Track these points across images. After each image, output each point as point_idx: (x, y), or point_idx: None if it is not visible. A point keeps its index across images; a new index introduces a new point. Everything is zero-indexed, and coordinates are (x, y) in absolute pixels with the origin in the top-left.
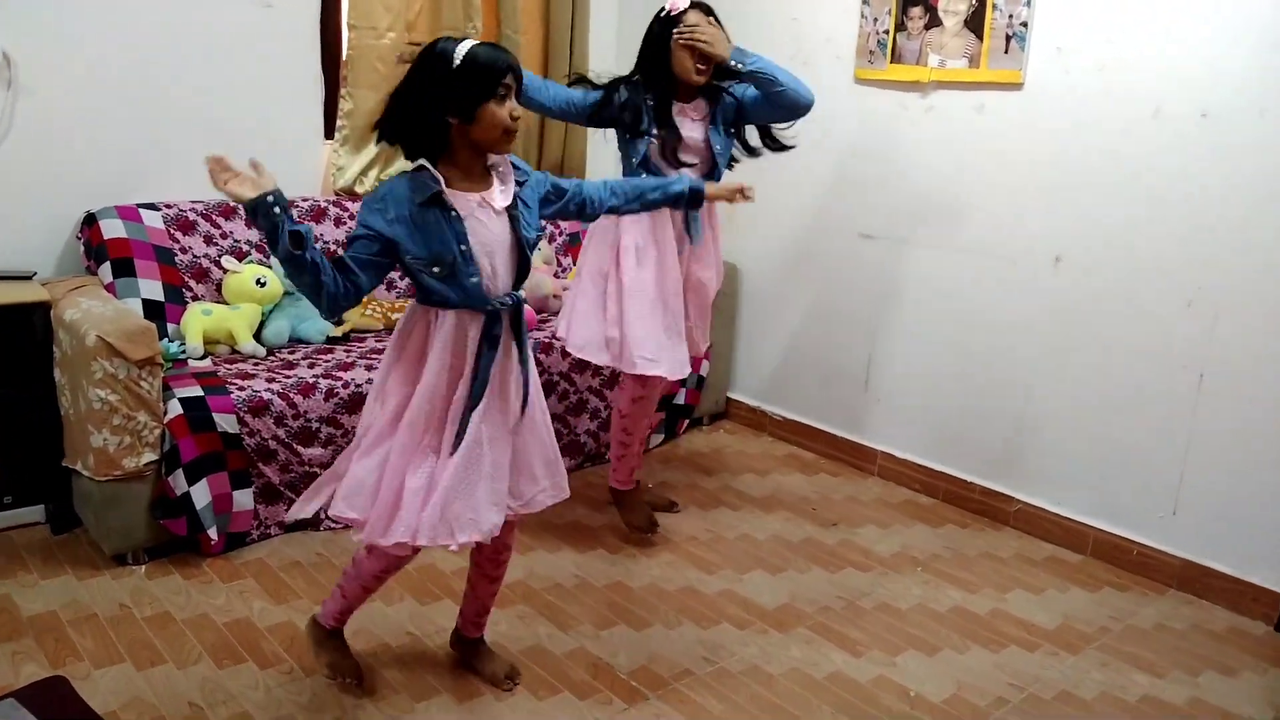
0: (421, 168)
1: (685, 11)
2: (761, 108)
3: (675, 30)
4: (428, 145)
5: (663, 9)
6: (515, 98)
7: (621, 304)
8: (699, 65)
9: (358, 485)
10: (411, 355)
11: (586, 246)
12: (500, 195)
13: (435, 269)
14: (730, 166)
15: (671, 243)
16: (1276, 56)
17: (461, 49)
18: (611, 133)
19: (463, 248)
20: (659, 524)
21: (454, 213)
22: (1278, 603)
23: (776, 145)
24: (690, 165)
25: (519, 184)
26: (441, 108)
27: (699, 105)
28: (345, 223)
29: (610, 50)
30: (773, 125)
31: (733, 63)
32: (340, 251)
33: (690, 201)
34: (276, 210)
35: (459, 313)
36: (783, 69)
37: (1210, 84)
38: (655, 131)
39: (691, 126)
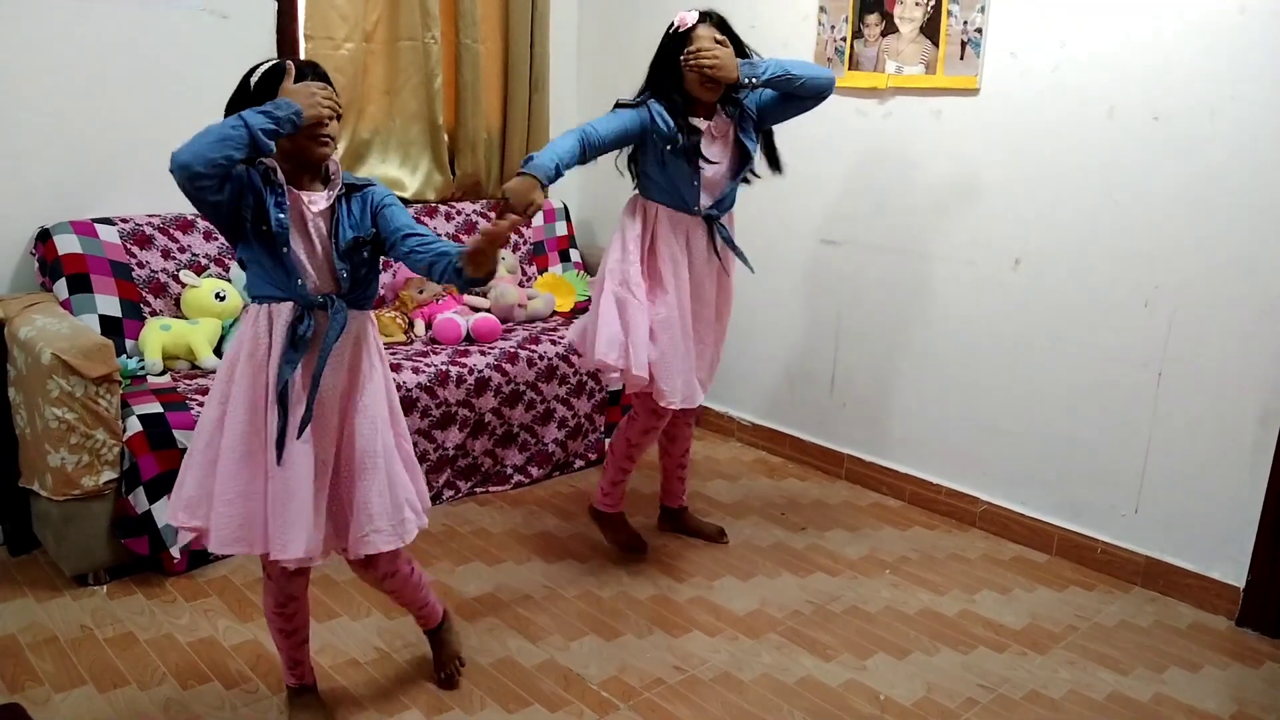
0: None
1: (694, 28)
2: (783, 106)
3: (683, 53)
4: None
5: (672, 24)
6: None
7: (658, 333)
8: (708, 85)
9: (194, 495)
10: (232, 355)
11: (614, 255)
12: (323, 199)
13: (263, 226)
14: (747, 180)
15: (697, 266)
16: (1223, 59)
17: (263, 66)
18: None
19: (280, 216)
20: (647, 543)
21: (281, 190)
22: (1238, 598)
23: (776, 166)
24: (714, 163)
25: (354, 189)
26: None
27: (720, 124)
28: None
29: (571, 58)
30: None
31: (744, 79)
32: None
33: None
34: None
35: (268, 306)
36: (795, 61)
37: (1161, 86)
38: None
39: (710, 145)
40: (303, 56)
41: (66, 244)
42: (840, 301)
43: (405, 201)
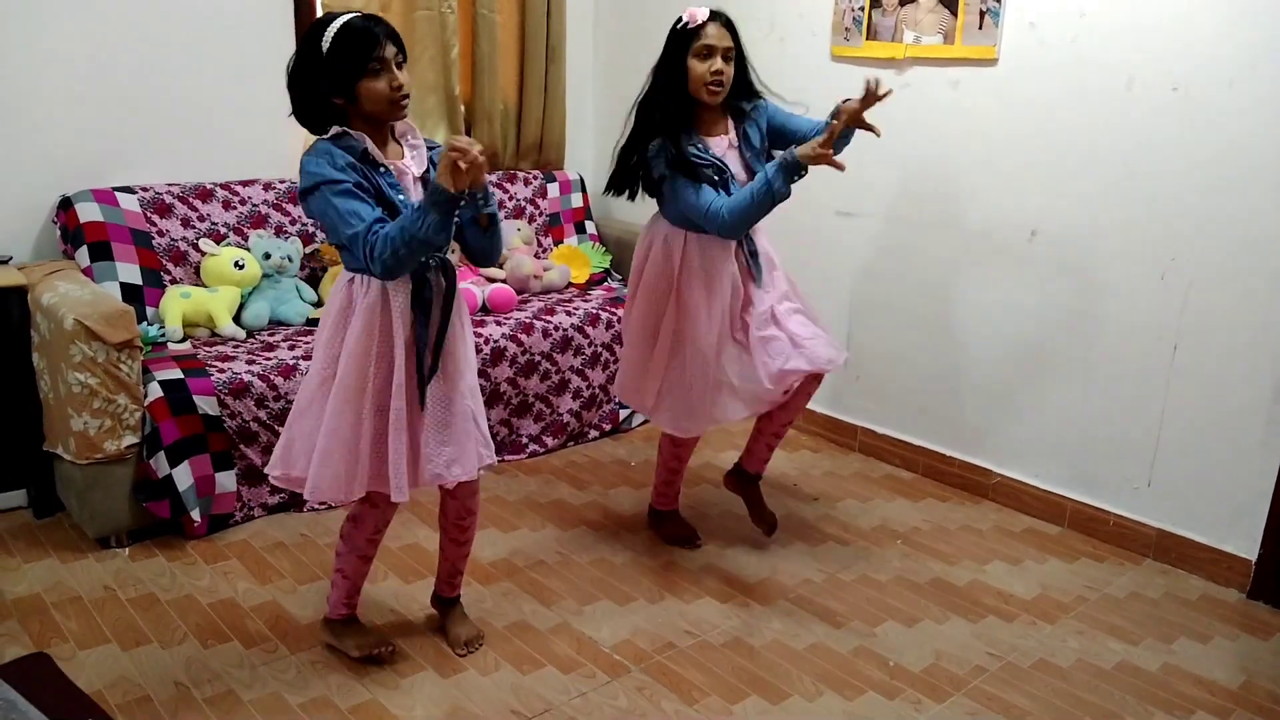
0: (342, 133)
1: (704, 25)
2: (784, 136)
3: (691, 54)
4: (329, 121)
5: (679, 20)
6: (396, 65)
7: (692, 363)
8: (711, 86)
9: (294, 446)
10: (339, 323)
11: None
12: (414, 163)
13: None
14: None
15: (733, 281)
16: (1242, 30)
17: (330, 31)
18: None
19: (400, 198)
20: (700, 538)
21: (383, 167)
22: (1249, 570)
23: None
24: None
25: (430, 148)
26: (323, 90)
27: (726, 132)
28: None
29: (587, 29)
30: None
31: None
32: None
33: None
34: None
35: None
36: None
37: (1180, 57)
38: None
39: (725, 156)
40: None
41: (88, 212)
42: (854, 273)
43: None
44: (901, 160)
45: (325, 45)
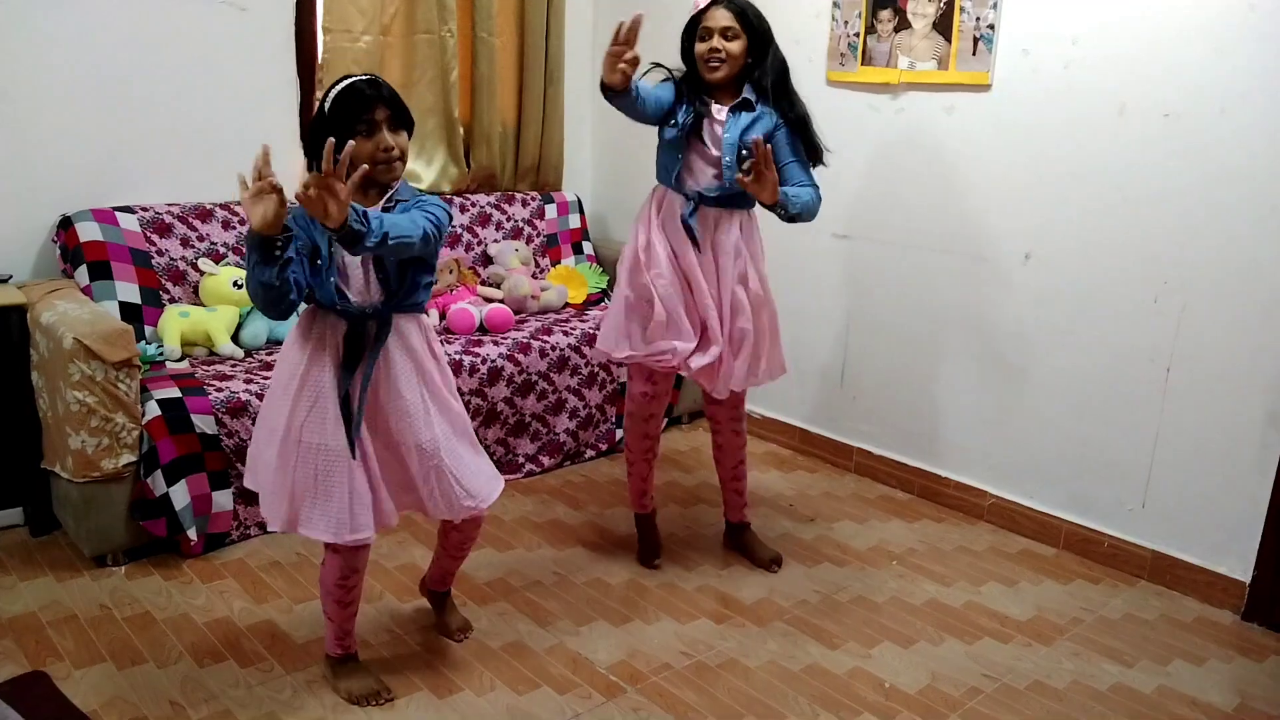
0: None
1: (707, 9)
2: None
3: (697, 37)
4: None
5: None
6: (388, 127)
7: (661, 299)
8: (710, 64)
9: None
10: (295, 357)
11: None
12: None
13: (317, 260)
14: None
15: (689, 250)
16: (1234, 57)
17: (334, 91)
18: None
19: (331, 249)
20: (660, 559)
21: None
22: (1244, 592)
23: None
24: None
25: (402, 201)
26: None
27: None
28: None
29: (586, 52)
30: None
31: (780, 205)
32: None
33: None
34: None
35: (324, 315)
36: (808, 202)
37: (1172, 84)
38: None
39: (711, 131)
40: (320, 49)
41: (88, 231)
42: (851, 295)
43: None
44: (897, 184)
45: (327, 104)
